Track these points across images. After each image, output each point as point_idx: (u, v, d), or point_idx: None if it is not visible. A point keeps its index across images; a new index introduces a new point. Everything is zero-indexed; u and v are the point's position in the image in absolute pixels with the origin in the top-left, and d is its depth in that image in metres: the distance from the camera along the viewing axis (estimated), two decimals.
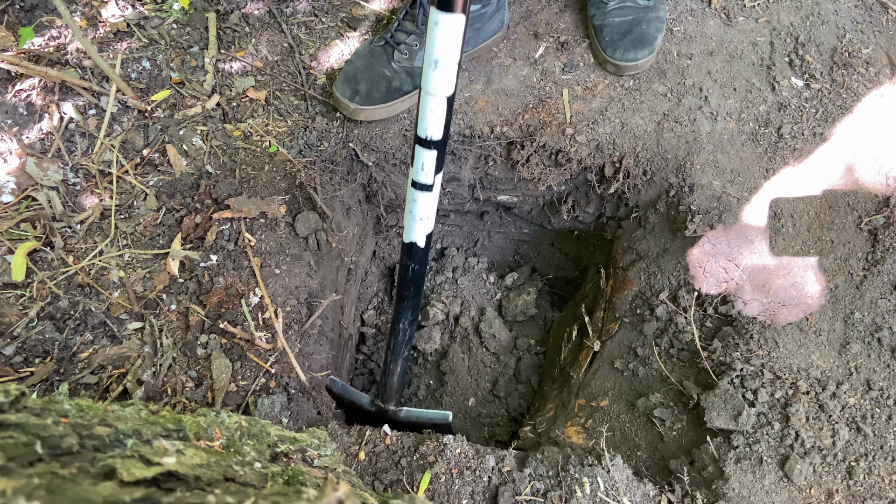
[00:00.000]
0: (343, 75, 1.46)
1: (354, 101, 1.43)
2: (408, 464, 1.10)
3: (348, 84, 1.44)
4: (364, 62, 1.46)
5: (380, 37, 1.49)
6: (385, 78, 1.45)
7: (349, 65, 1.47)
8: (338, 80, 1.46)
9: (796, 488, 1.08)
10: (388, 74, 1.45)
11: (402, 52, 1.45)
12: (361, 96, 1.43)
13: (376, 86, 1.44)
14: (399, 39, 1.46)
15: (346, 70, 1.46)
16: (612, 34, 1.52)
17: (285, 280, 1.32)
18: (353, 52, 1.53)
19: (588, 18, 1.61)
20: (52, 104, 1.36)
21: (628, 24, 1.52)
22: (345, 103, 1.44)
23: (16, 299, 1.18)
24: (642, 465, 1.22)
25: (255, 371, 1.19)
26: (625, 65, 1.52)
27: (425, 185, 0.99)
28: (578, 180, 1.67)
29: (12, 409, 0.50)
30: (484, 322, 1.95)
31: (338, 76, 1.47)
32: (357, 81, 1.44)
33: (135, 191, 1.33)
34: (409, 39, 1.45)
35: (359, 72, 1.45)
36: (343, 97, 1.44)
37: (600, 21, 1.55)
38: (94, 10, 1.50)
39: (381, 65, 1.46)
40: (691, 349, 1.33)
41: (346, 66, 1.47)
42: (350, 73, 1.45)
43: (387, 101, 1.46)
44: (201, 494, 0.46)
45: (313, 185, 1.42)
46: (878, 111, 1.55)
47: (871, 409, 1.17)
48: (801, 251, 1.40)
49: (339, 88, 1.45)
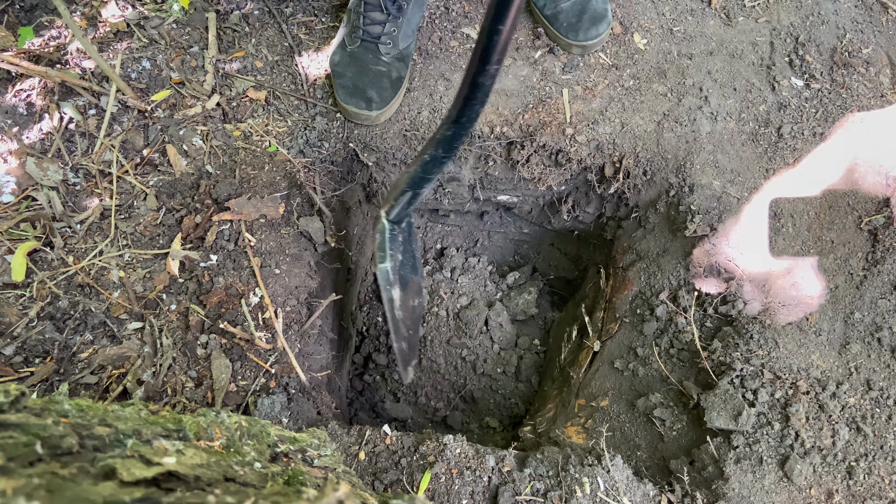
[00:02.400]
0: (343, 90, 1.44)
1: (373, 108, 1.43)
2: (408, 464, 1.10)
3: (356, 95, 1.43)
4: (355, 69, 1.44)
5: (351, 38, 1.46)
6: (383, 74, 1.44)
7: (341, 77, 1.44)
8: (340, 95, 1.44)
9: (796, 488, 1.08)
10: (383, 70, 1.45)
11: (385, 43, 1.44)
12: (376, 101, 1.43)
13: (381, 85, 1.44)
14: (375, 33, 1.44)
15: (343, 83, 1.44)
16: (569, 18, 1.55)
17: (285, 280, 1.32)
18: (332, 63, 1.48)
19: (534, 10, 1.64)
20: (52, 104, 1.36)
21: (580, 5, 1.56)
22: (365, 115, 1.44)
23: (16, 299, 1.18)
24: (642, 465, 1.22)
25: (255, 371, 1.19)
26: (590, 43, 1.56)
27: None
28: (578, 180, 1.67)
29: (12, 409, 0.50)
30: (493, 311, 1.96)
31: (337, 91, 1.45)
32: (362, 90, 1.43)
33: (135, 191, 1.33)
34: (386, 28, 1.43)
35: (356, 80, 1.43)
36: (360, 110, 1.43)
37: (552, 10, 1.58)
38: (94, 10, 1.50)
39: (372, 63, 1.44)
40: (691, 349, 1.33)
41: (338, 79, 1.45)
42: (349, 85, 1.43)
43: (396, 93, 1.47)
44: (201, 494, 0.46)
45: (313, 186, 1.42)
46: (878, 111, 1.55)
47: (871, 409, 1.17)
48: (801, 251, 1.40)
49: (351, 102, 1.43)
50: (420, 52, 1.57)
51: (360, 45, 1.45)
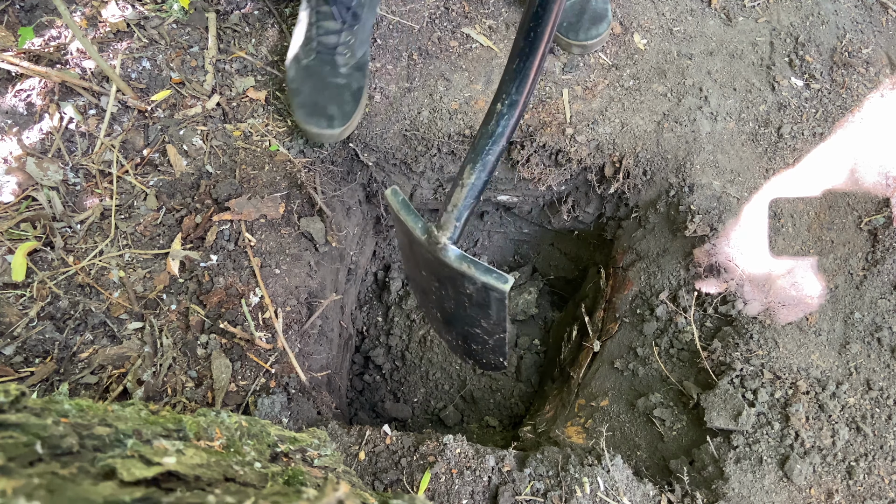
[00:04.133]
0: (301, 108, 1.34)
1: (335, 126, 1.34)
2: (408, 464, 1.10)
3: (316, 114, 1.33)
4: (311, 84, 1.34)
5: (305, 51, 1.36)
6: (343, 87, 1.36)
7: (298, 95, 1.35)
8: (299, 115, 1.34)
9: (796, 488, 1.08)
10: (342, 82, 1.36)
11: (342, 53, 1.35)
12: (337, 118, 1.34)
13: (342, 99, 1.35)
14: (330, 44, 1.34)
15: (301, 101, 1.34)
16: (569, 18, 1.54)
17: (285, 280, 1.32)
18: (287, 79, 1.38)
19: None
20: (52, 104, 1.36)
21: (579, 5, 1.55)
22: (328, 134, 1.35)
23: (16, 299, 1.18)
24: (642, 465, 1.22)
25: (255, 371, 1.19)
26: (590, 43, 1.55)
27: None
28: (578, 180, 1.67)
29: (12, 409, 0.50)
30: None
31: (295, 111, 1.35)
32: (322, 107, 1.33)
33: (135, 191, 1.33)
34: (342, 38, 1.34)
35: (315, 96, 1.34)
36: (322, 129, 1.34)
37: None
38: (94, 10, 1.50)
39: (330, 76, 1.35)
40: (691, 349, 1.33)
41: (296, 97, 1.35)
42: (308, 103, 1.34)
43: (357, 106, 1.39)
44: (201, 494, 0.46)
45: (313, 185, 1.42)
46: (878, 111, 1.55)
47: (871, 409, 1.17)
48: (801, 251, 1.40)
49: (312, 122, 1.33)
50: (420, 52, 1.57)
51: (316, 58, 1.35)
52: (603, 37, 1.56)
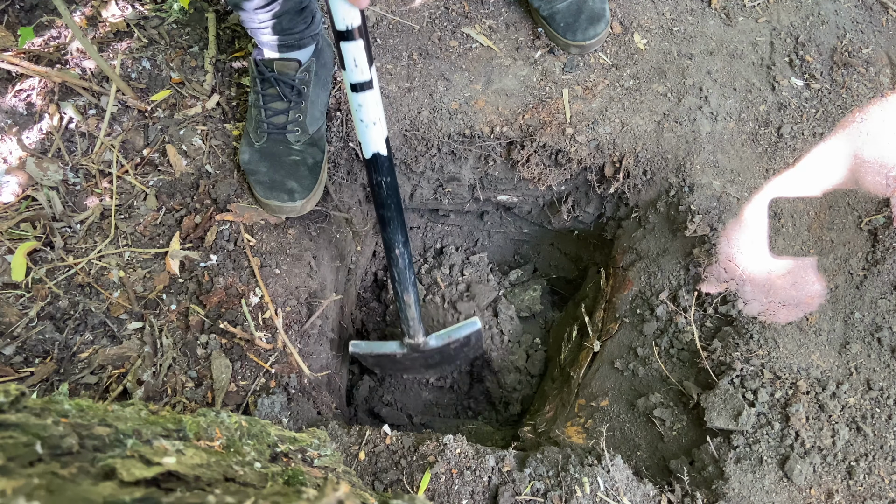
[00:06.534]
0: (260, 185, 1.34)
1: (296, 199, 1.34)
2: (408, 464, 1.10)
3: (276, 189, 1.33)
4: (268, 164, 1.34)
5: (257, 133, 1.36)
6: (299, 162, 1.36)
7: (255, 174, 1.34)
8: (258, 191, 1.34)
9: (796, 488, 1.08)
10: (297, 158, 1.36)
11: (292, 131, 1.36)
12: (298, 191, 1.34)
13: (299, 174, 1.35)
14: (279, 124, 1.35)
15: (258, 179, 1.34)
16: (566, 19, 1.54)
17: (285, 280, 1.32)
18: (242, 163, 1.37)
19: (532, 10, 1.63)
20: (52, 104, 1.36)
21: (576, 5, 1.54)
22: (290, 206, 1.34)
23: (16, 299, 1.18)
24: (642, 465, 1.22)
25: (255, 371, 1.19)
26: (588, 43, 1.55)
27: (364, 82, 0.96)
28: (578, 180, 1.67)
29: (12, 409, 0.50)
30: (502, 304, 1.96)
31: (254, 188, 1.35)
32: (281, 183, 1.33)
33: (135, 191, 1.33)
34: (291, 116, 1.35)
35: (273, 174, 1.34)
36: (283, 203, 1.33)
37: (548, 10, 1.56)
38: (94, 10, 1.50)
39: (285, 154, 1.35)
40: (691, 349, 1.33)
41: (253, 176, 1.35)
42: (266, 181, 1.33)
43: (317, 179, 1.39)
44: (201, 494, 0.46)
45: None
46: (878, 111, 1.55)
47: (871, 409, 1.17)
48: (801, 251, 1.40)
49: (272, 196, 1.33)
50: (420, 51, 1.57)
51: (268, 140, 1.35)
52: (601, 37, 1.56)
